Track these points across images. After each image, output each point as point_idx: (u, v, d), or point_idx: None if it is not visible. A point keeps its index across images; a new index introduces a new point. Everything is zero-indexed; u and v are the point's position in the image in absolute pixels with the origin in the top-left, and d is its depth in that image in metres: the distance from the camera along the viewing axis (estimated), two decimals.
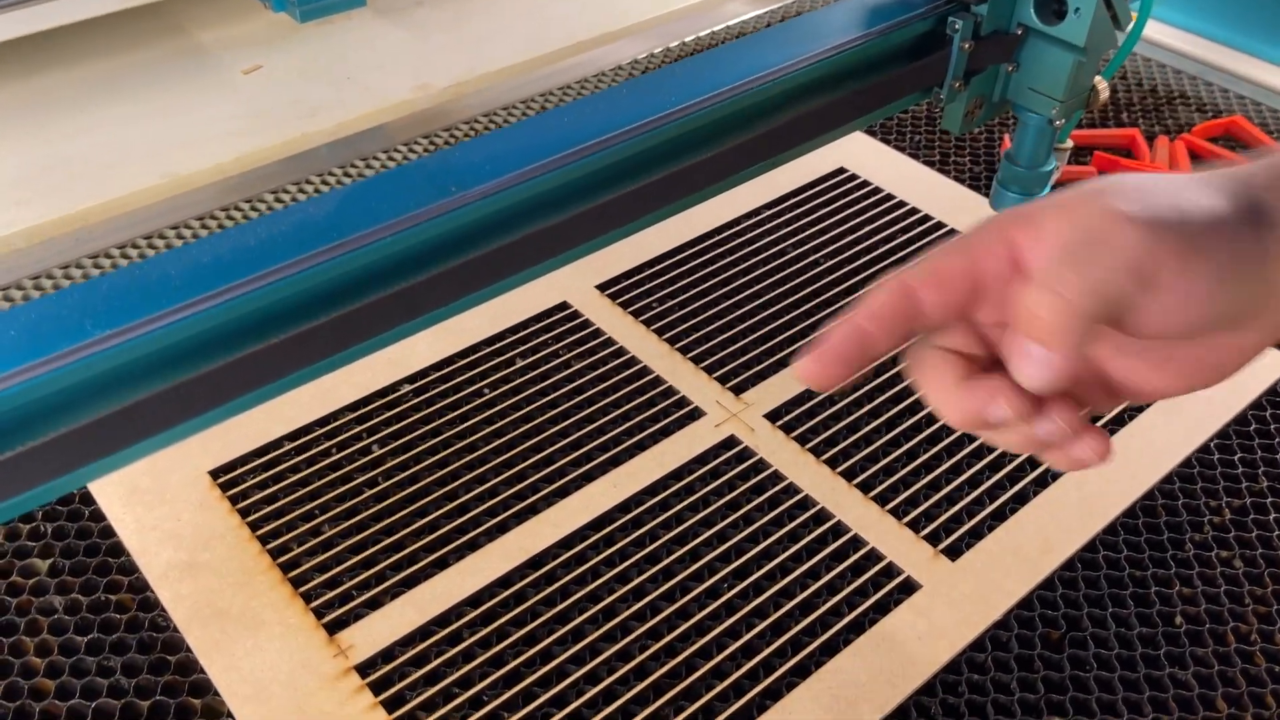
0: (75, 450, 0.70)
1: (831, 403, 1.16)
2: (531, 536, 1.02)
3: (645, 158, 0.93)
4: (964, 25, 0.97)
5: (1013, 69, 1.06)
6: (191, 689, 0.90)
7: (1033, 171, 1.17)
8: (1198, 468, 1.10)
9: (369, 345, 0.81)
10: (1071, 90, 1.04)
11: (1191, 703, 0.90)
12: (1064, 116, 1.07)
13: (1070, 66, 1.00)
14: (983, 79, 1.07)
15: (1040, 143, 1.14)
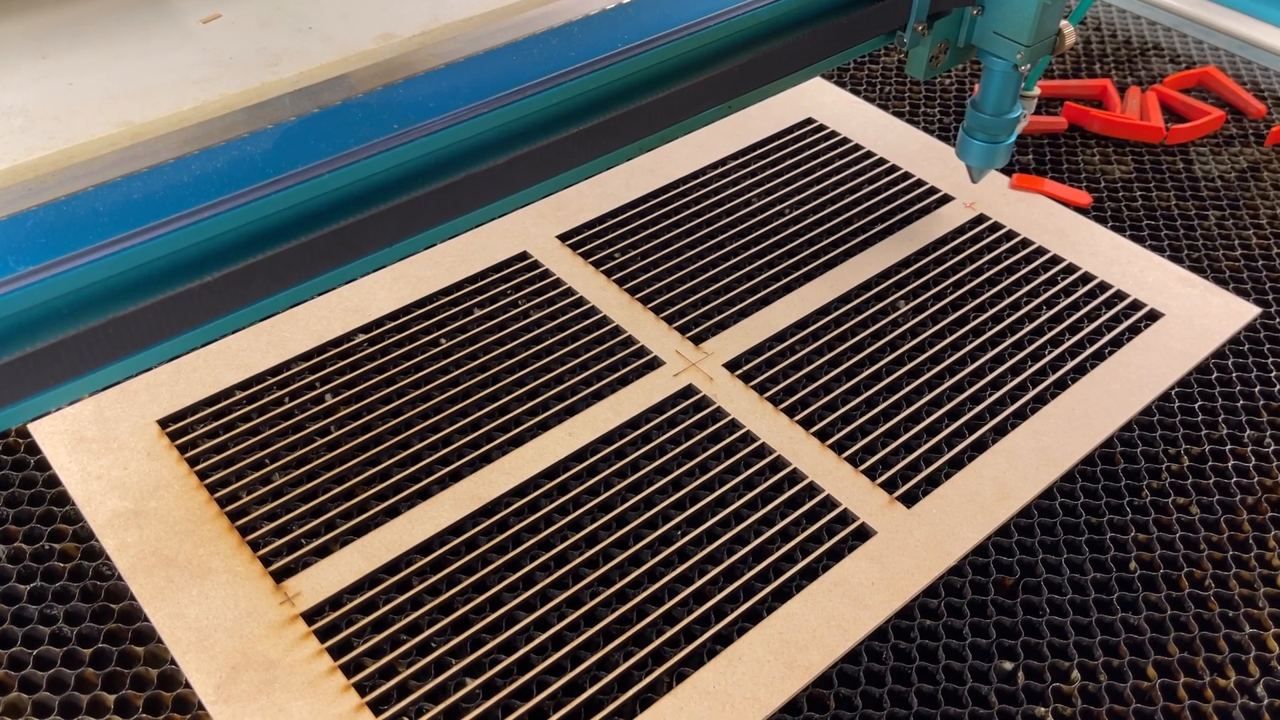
0: (2, 387, 0.69)
1: (791, 352, 1.15)
2: (484, 484, 1.01)
3: (596, 96, 0.91)
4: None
5: (978, 12, 1.04)
6: (135, 637, 0.89)
7: (999, 118, 1.14)
8: (1158, 415, 1.09)
9: (308, 286, 0.80)
10: (1037, 34, 1.02)
11: (1143, 646, 0.90)
12: (1030, 62, 1.05)
13: (1035, 9, 0.98)
14: (947, 23, 1.05)
15: (1006, 88, 1.12)
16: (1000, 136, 1.15)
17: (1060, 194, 1.37)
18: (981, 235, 1.31)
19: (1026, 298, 1.22)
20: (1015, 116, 1.15)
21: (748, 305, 1.20)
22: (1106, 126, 1.47)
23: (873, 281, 1.24)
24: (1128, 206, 1.36)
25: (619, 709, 0.85)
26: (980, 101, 1.13)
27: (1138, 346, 1.16)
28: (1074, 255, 1.28)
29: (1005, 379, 1.13)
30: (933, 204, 1.35)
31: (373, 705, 0.84)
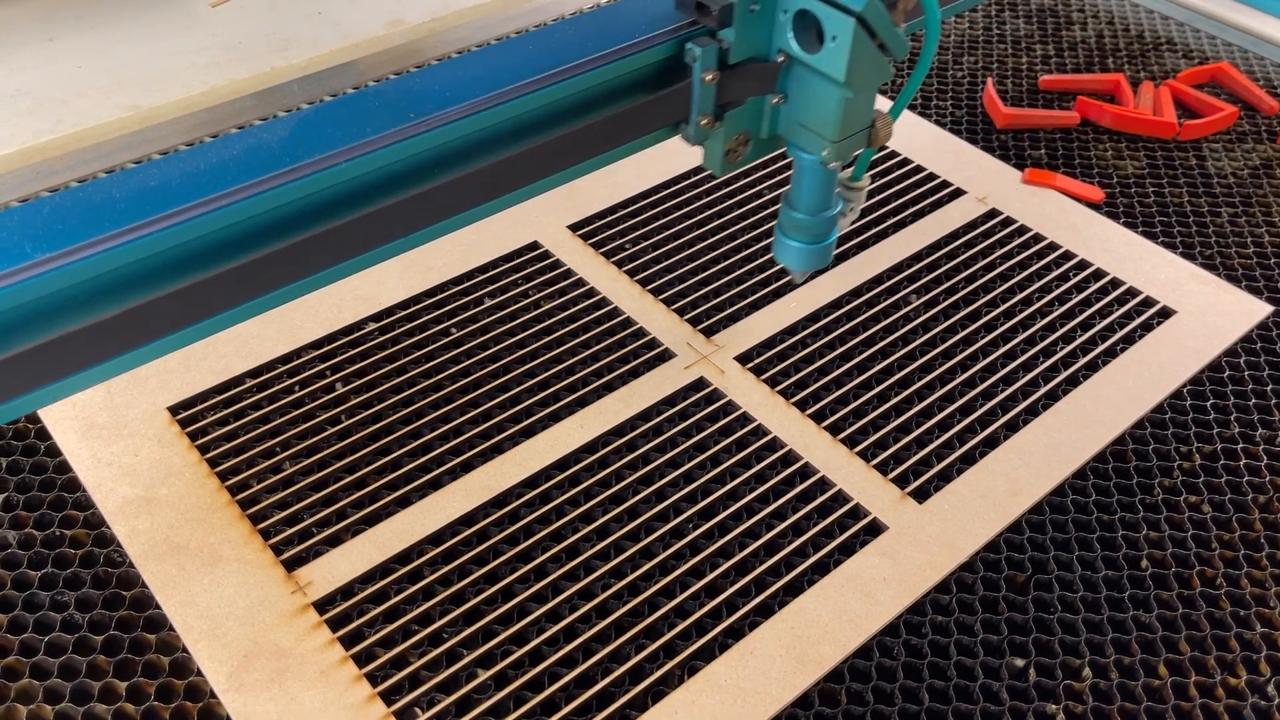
0: (15, 376, 0.68)
1: (803, 346, 1.15)
2: (496, 475, 1.00)
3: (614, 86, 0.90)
4: (705, 53, 0.78)
5: (779, 100, 0.86)
6: (146, 624, 0.88)
7: (815, 218, 0.95)
8: (1170, 414, 1.09)
9: (323, 276, 0.79)
10: (845, 128, 0.84)
11: (1154, 645, 0.90)
12: (839, 158, 0.87)
13: (837, 103, 0.81)
14: (745, 113, 0.87)
15: (820, 185, 0.94)
16: (820, 236, 0.97)
17: (1072, 189, 1.36)
18: (993, 230, 1.30)
19: (1038, 293, 1.22)
20: (835, 214, 0.98)
21: (759, 298, 1.20)
22: (1119, 122, 1.47)
23: (884, 275, 1.24)
24: (1140, 202, 1.36)
25: (631, 702, 0.85)
26: (793, 198, 0.94)
27: (1149, 344, 1.16)
28: (1086, 251, 1.28)
29: (1017, 375, 1.12)
30: (945, 198, 1.35)
31: (384, 695, 0.84)
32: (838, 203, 0.97)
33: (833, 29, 0.76)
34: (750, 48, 0.81)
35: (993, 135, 1.46)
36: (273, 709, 0.83)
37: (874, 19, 0.74)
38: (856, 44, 0.75)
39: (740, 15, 0.78)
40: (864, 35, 0.74)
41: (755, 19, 0.79)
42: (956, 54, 1.62)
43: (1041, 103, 1.52)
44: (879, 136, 0.88)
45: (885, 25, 0.75)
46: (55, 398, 0.71)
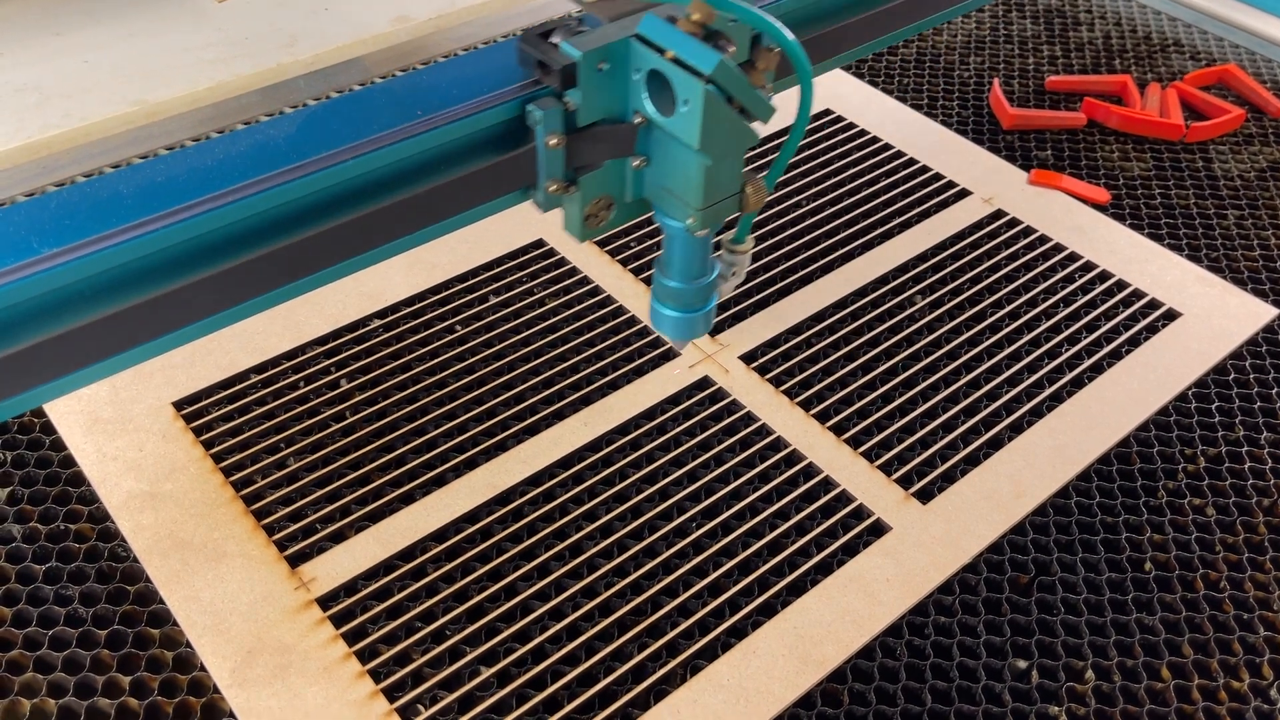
0: (21, 371, 0.68)
1: (807, 345, 1.15)
2: (499, 473, 1.00)
3: None
4: (547, 116, 0.73)
5: (640, 163, 0.79)
6: (150, 619, 0.89)
7: (690, 285, 0.89)
8: (1175, 416, 1.09)
9: (329, 273, 0.79)
10: (708, 195, 0.78)
11: (1157, 647, 0.90)
12: (706, 225, 0.81)
13: (699, 170, 0.75)
14: (603, 176, 0.80)
15: (693, 252, 0.88)
16: (695, 305, 0.91)
17: (1078, 190, 1.36)
18: (999, 231, 1.30)
19: (1044, 294, 1.22)
20: (711, 281, 0.91)
21: (764, 297, 1.20)
22: (1126, 123, 1.46)
23: (889, 276, 1.23)
24: (1146, 204, 1.36)
25: (633, 700, 0.85)
26: (665, 265, 0.88)
27: (1155, 346, 1.16)
28: (1092, 253, 1.27)
29: (1022, 376, 1.12)
30: (950, 198, 1.35)
31: (387, 692, 0.84)
32: (715, 267, 0.90)
33: (683, 93, 0.70)
34: (602, 109, 0.75)
35: (999, 136, 1.46)
36: (275, 705, 0.83)
37: (728, 82, 0.68)
38: (710, 109, 0.69)
39: (587, 75, 0.72)
40: (719, 99, 0.69)
41: (605, 79, 0.73)
42: (963, 54, 1.62)
43: (1048, 103, 1.52)
44: (750, 202, 0.81)
45: (742, 88, 0.69)
46: (61, 392, 0.71)
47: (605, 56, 0.72)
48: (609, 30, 0.74)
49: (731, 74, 0.68)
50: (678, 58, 0.69)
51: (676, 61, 0.70)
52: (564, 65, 0.72)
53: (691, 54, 0.69)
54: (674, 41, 0.70)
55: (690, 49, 0.69)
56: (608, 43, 0.72)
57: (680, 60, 0.69)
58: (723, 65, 0.67)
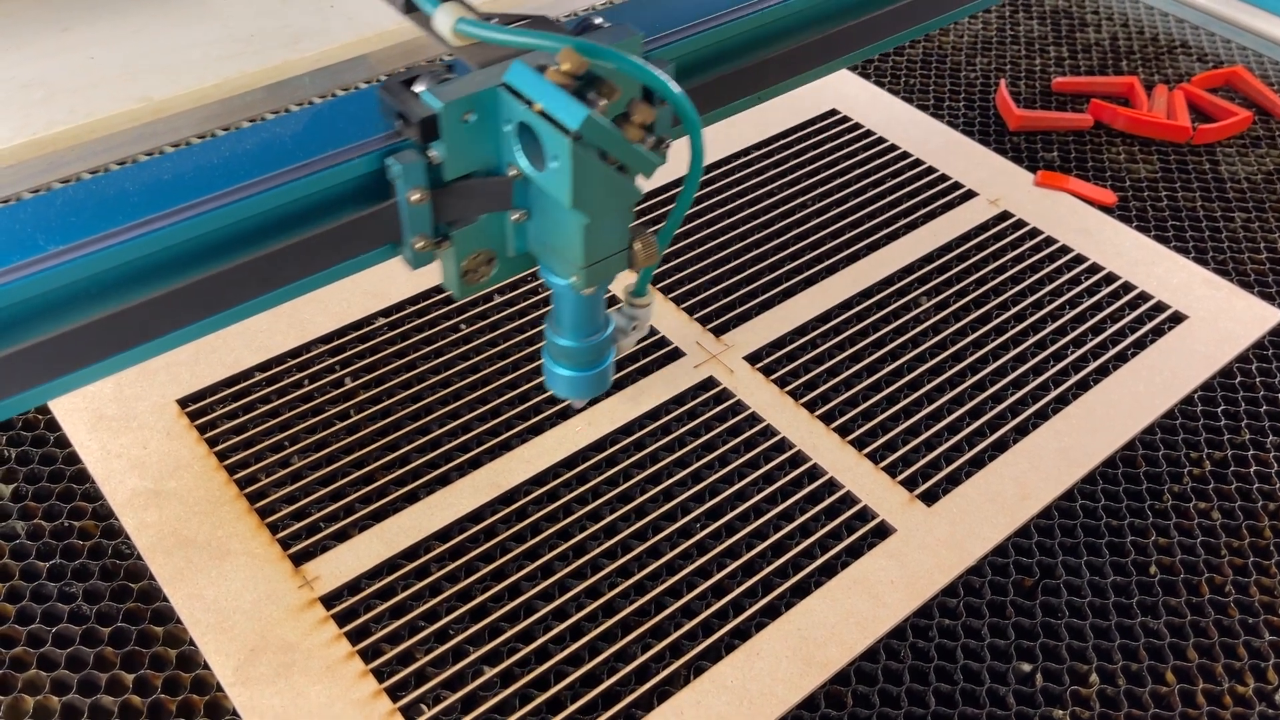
0: (26, 369, 0.68)
1: (813, 346, 1.14)
2: (503, 472, 1.00)
3: None
4: (407, 170, 0.69)
5: (520, 217, 0.75)
6: (154, 616, 0.89)
7: (583, 344, 0.85)
8: (1180, 419, 1.09)
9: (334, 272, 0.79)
10: (590, 254, 0.74)
11: (1162, 651, 0.90)
12: (592, 283, 0.76)
13: (579, 229, 0.71)
14: (480, 230, 0.75)
15: (583, 310, 0.84)
16: (590, 364, 0.87)
17: (1085, 192, 1.36)
18: (1005, 232, 1.30)
19: (1049, 296, 1.22)
20: (605, 339, 0.87)
21: (769, 298, 1.20)
22: (1132, 125, 1.46)
23: (895, 277, 1.23)
24: (1153, 206, 1.35)
25: (636, 701, 0.85)
26: (555, 322, 0.84)
27: (1161, 348, 1.16)
28: (1098, 255, 1.27)
29: (1027, 378, 1.12)
30: (956, 199, 1.34)
31: (390, 691, 0.84)
32: (609, 323, 0.86)
33: (552, 149, 0.65)
34: (472, 161, 0.71)
35: (1005, 137, 1.46)
36: (279, 703, 0.83)
37: (598, 138, 0.63)
38: (581, 166, 0.64)
39: (451, 127, 0.67)
40: (589, 156, 0.64)
41: (473, 131, 0.69)
42: (970, 55, 1.62)
43: (1055, 105, 1.52)
44: (641, 258, 0.77)
45: (616, 144, 0.65)
46: (66, 390, 0.71)
47: (471, 107, 0.67)
48: (475, 79, 0.68)
49: (602, 130, 0.63)
50: (545, 111, 0.64)
51: (544, 115, 0.64)
52: (423, 117, 0.67)
53: (558, 107, 0.63)
54: (541, 93, 0.65)
55: (557, 102, 0.64)
56: (473, 92, 0.67)
57: (547, 114, 0.64)
58: (590, 121, 0.62)
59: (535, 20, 0.76)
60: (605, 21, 0.77)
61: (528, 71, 0.66)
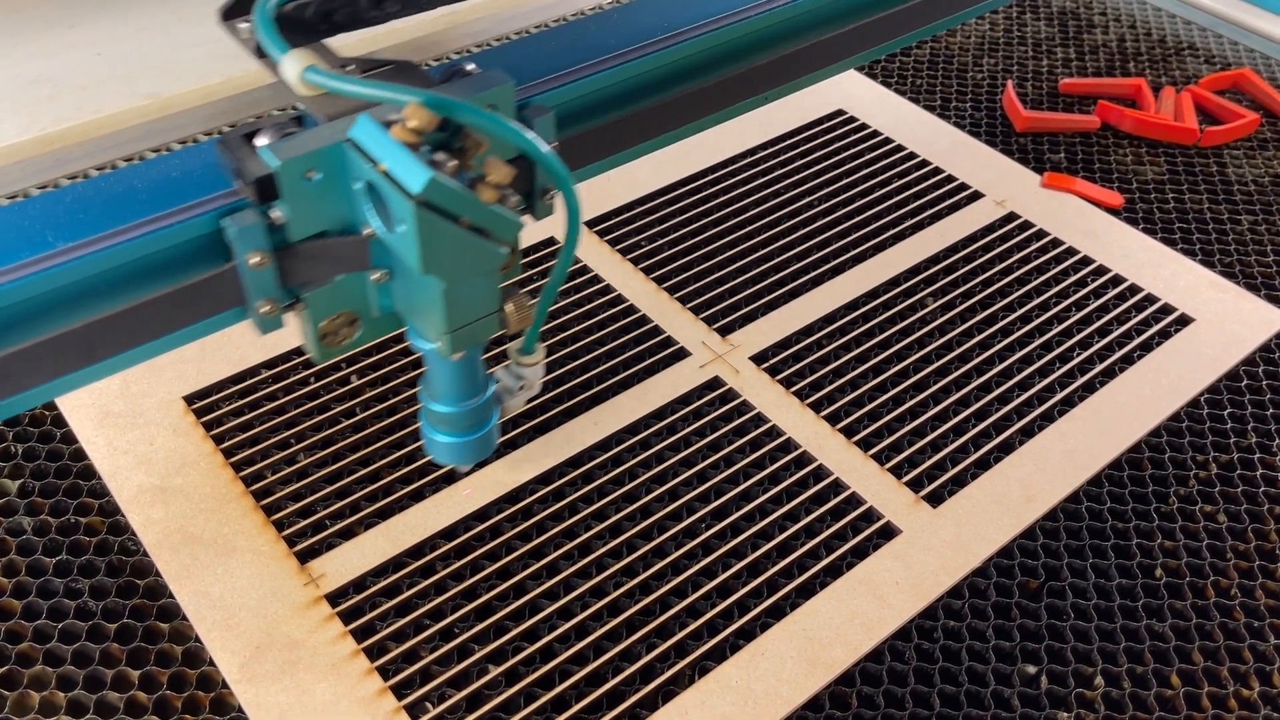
0: (34, 366, 0.68)
1: (819, 347, 1.14)
2: (509, 471, 1.00)
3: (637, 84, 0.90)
4: (245, 232, 0.65)
5: (381, 277, 0.71)
6: (160, 613, 0.89)
7: (460, 409, 0.81)
8: (1186, 422, 1.09)
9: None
10: (453, 319, 0.70)
11: (1167, 654, 0.90)
12: (459, 348, 0.72)
13: (436, 292, 0.67)
14: (339, 291, 0.71)
15: (455, 374, 0.80)
16: (469, 428, 0.83)
17: (1091, 194, 1.36)
18: (1011, 234, 1.30)
19: (1056, 298, 1.21)
20: (484, 402, 0.83)
21: (775, 298, 1.20)
22: (1139, 126, 1.46)
23: (901, 278, 1.23)
24: (1160, 209, 1.35)
25: (641, 701, 0.85)
26: (427, 386, 0.81)
27: (1167, 351, 1.15)
28: (1104, 257, 1.27)
29: (1033, 380, 1.12)
30: (962, 200, 1.34)
31: (395, 689, 0.84)
32: (489, 386, 0.82)
33: (398, 212, 0.61)
34: (321, 220, 0.66)
35: (1012, 138, 1.46)
36: (284, 700, 0.83)
37: (447, 202, 0.59)
38: (429, 230, 0.60)
39: (292, 186, 0.64)
40: (437, 220, 0.60)
41: (320, 189, 0.65)
42: (977, 56, 1.61)
43: (1062, 106, 1.52)
44: (514, 321, 0.74)
45: (469, 206, 0.60)
46: (74, 386, 0.71)
47: (314, 164, 0.63)
48: (320, 133, 0.64)
49: (449, 192, 0.59)
50: (388, 172, 0.60)
51: (388, 176, 0.60)
52: (258, 177, 0.63)
53: (401, 169, 0.59)
54: (385, 152, 0.60)
55: (400, 162, 0.59)
56: (315, 149, 0.63)
57: (390, 175, 0.60)
58: (435, 184, 0.58)
59: (398, 68, 0.70)
60: (475, 68, 0.71)
61: (373, 127, 0.61)
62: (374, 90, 0.62)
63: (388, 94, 0.61)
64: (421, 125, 0.60)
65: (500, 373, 0.86)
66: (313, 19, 0.69)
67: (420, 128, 0.60)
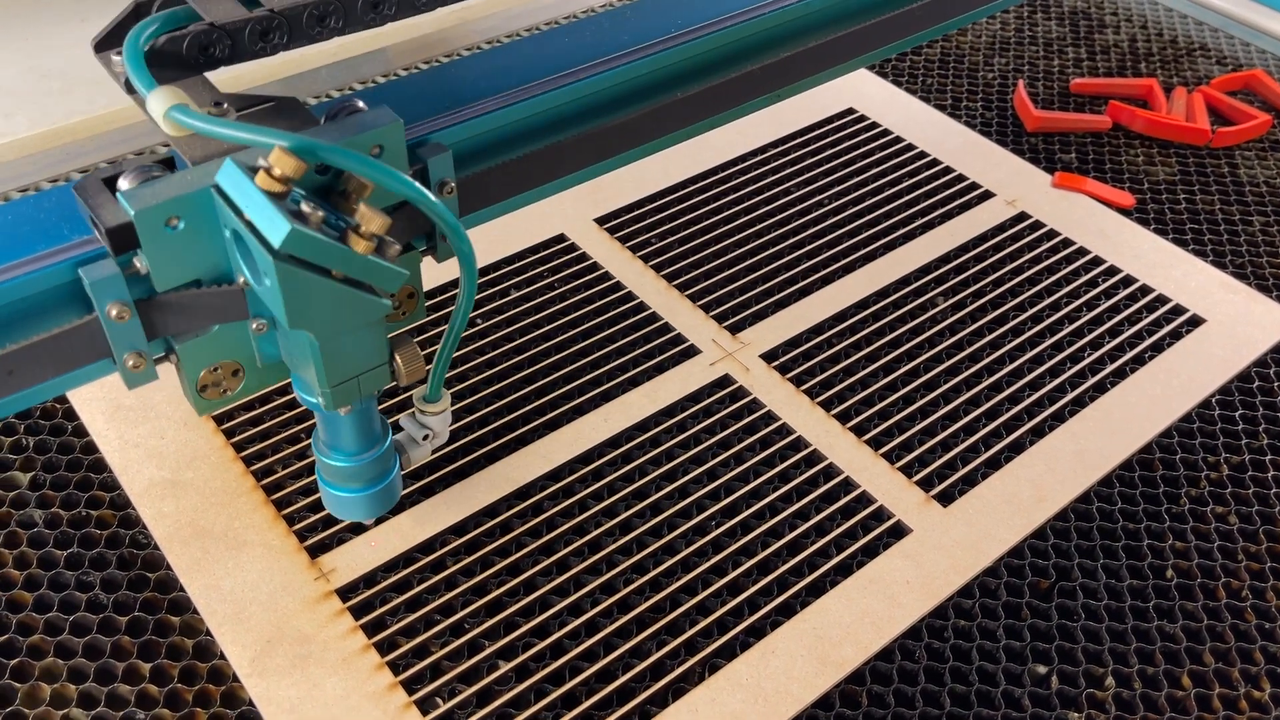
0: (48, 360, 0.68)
1: (829, 345, 1.14)
2: (519, 467, 1.00)
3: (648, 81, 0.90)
4: (101, 284, 0.61)
5: (260, 327, 0.67)
6: (170, 606, 0.89)
7: (355, 462, 0.79)
8: (1198, 423, 1.08)
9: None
10: (334, 373, 0.66)
11: (1178, 655, 0.90)
12: (340, 404, 0.69)
13: (310, 346, 0.64)
14: (220, 340, 0.67)
15: (345, 428, 0.77)
16: (365, 482, 0.81)
17: (1103, 194, 1.35)
18: (1022, 234, 1.30)
19: (1066, 298, 1.21)
20: (381, 454, 0.79)
21: (785, 296, 1.19)
22: (1151, 127, 1.45)
23: (911, 277, 1.23)
24: (1171, 209, 1.35)
25: (651, 698, 0.85)
26: (319, 439, 0.79)
27: (1178, 352, 1.15)
28: (1115, 257, 1.27)
29: (1044, 380, 1.12)
30: (973, 200, 1.34)
31: (406, 684, 0.84)
32: (386, 437, 0.79)
33: (261, 266, 0.57)
34: (190, 270, 0.62)
35: (1023, 138, 1.45)
36: (295, 694, 0.83)
37: (312, 254, 0.56)
38: (293, 285, 0.57)
39: (153, 235, 0.59)
40: (303, 275, 0.57)
41: (186, 238, 0.60)
42: (988, 55, 1.61)
43: (1073, 106, 1.51)
44: (405, 374, 0.70)
45: (339, 259, 0.57)
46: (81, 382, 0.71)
47: (177, 212, 0.59)
48: (182, 179, 0.60)
49: (314, 244, 0.55)
50: (250, 222, 0.57)
51: (251, 227, 0.57)
52: (113, 226, 0.59)
53: (261, 220, 0.55)
54: (246, 201, 0.57)
55: (260, 213, 0.55)
56: (176, 196, 0.59)
57: (252, 226, 0.57)
58: (296, 236, 0.54)
59: (277, 106, 0.66)
60: (364, 104, 0.68)
61: (238, 174, 0.57)
62: (237, 132, 0.58)
63: (251, 136, 0.57)
64: (287, 172, 0.56)
65: (404, 420, 0.82)
66: (190, 53, 0.65)
67: (286, 175, 0.57)
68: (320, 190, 0.62)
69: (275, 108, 0.67)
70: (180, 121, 0.60)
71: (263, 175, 0.57)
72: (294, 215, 0.55)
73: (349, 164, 0.59)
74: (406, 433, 0.84)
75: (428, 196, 0.61)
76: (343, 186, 0.62)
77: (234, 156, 0.59)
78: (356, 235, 0.58)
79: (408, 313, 0.74)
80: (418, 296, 0.75)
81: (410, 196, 0.61)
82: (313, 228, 0.56)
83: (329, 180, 0.62)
